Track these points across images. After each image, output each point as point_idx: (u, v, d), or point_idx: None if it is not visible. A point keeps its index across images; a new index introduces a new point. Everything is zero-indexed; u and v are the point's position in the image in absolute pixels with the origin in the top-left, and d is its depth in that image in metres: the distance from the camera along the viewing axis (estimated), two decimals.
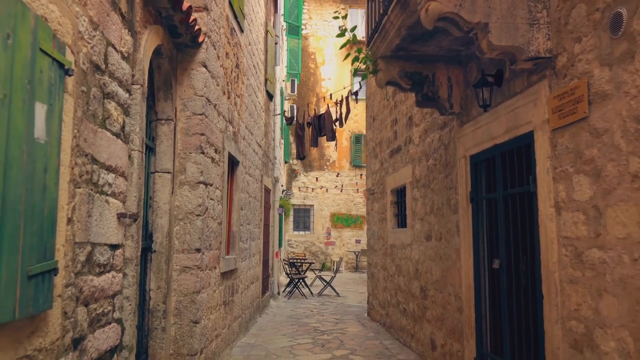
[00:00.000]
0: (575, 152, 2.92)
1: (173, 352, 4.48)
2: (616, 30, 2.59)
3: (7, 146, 1.86)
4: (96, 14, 2.80)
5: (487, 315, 4.23)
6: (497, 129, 3.86)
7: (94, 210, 2.81)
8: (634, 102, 2.46)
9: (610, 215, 2.61)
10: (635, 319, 2.44)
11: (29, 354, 2.12)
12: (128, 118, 3.37)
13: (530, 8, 3.18)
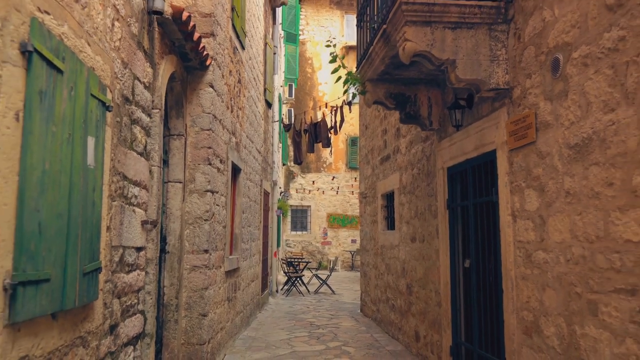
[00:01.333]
0: (526, 170, 3.49)
1: (184, 341, 5.05)
2: (555, 72, 3.16)
3: (71, 174, 2.42)
4: (126, 55, 3.36)
5: (462, 308, 4.80)
6: (468, 146, 4.43)
7: (125, 219, 3.37)
8: (567, 132, 3.04)
9: (551, 224, 3.19)
10: (567, 308, 3.01)
11: (82, 335, 2.69)
12: (149, 138, 3.93)
13: (491, 47, 3.75)
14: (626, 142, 2.54)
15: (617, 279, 2.60)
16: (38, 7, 2.14)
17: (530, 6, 3.47)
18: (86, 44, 2.65)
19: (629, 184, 2.52)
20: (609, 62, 2.67)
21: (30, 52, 2.04)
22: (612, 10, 2.66)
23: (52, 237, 2.24)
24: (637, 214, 2.46)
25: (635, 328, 2.47)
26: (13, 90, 1.95)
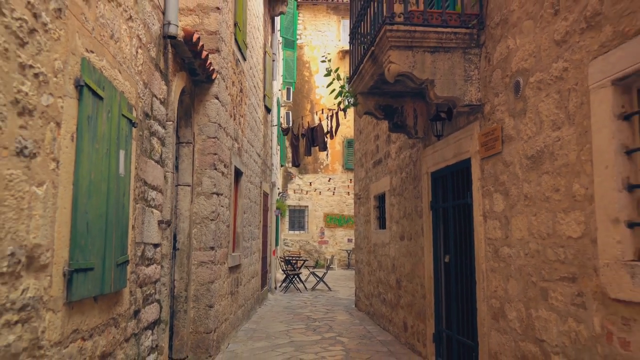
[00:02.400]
0: (494, 177, 4.01)
1: (192, 330, 5.55)
2: (517, 93, 3.68)
3: (108, 182, 2.93)
4: (147, 77, 3.87)
5: (443, 299, 5.32)
6: (448, 154, 4.95)
7: (145, 219, 3.88)
8: (526, 145, 3.56)
9: (513, 223, 3.71)
10: (525, 295, 3.53)
11: (114, 317, 3.19)
12: (164, 148, 4.44)
13: (465, 68, 4.26)
14: (568, 156, 3.06)
15: (562, 269, 3.12)
16: (86, 48, 2.65)
17: (498, 34, 3.99)
18: (118, 72, 3.16)
19: (570, 190, 3.04)
20: (556, 87, 3.20)
21: (82, 85, 2.55)
22: (559, 45, 3.18)
23: (95, 234, 2.75)
24: (575, 215, 2.98)
25: (574, 309, 2.99)
26: (70, 117, 2.46)
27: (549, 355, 3.24)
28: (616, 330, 2.63)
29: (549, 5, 3.29)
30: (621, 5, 2.63)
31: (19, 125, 2.01)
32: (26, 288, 2.09)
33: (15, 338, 2.01)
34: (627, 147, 2.64)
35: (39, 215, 2.18)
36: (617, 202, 2.62)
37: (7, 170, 1.93)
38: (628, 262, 2.54)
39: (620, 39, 2.63)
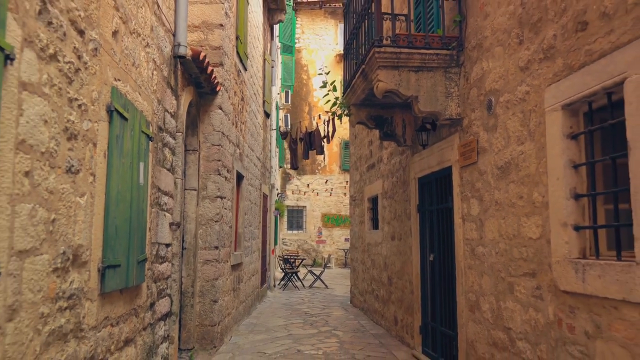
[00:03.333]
0: (471, 184, 4.48)
1: (198, 323, 6.02)
2: (489, 110, 4.15)
3: (131, 191, 3.40)
4: (160, 95, 4.33)
5: (429, 294, 5.79)
6: (432, 161, 5.42)
7: (159, 221, 4.34)
8: (497, 157, 4.02)
9: (487, 225, 4.18)
10: (496, 288, 4.00)
11: (135, 308, 3.66)
12: (174, 157, 4.90)
13: (446, 85, 4.73)
14: (529, 167, 3.53)
15: (524, 266, 3.59)
16: (114, 77, 3.11)
17: (474, 56, 4.46)
18: (138, 94, 3.62)
19: (531, 198, 3.51)
20: (521, 108, 3.67)
21: (112, 110, 3.01)
22: (523, 71, 3.65)
23: (121, 235, 3.22)
24: (535, 219, 3.45)
25: (534, 300, 3.46)
26: (102, 137, 2.93)
27: (514, 341, 3.71)
28: (565, 317, 3.10)
29: (515, 35, 3.76)
30: (569, 42, 3.10)
31: (68, 147, 2.47)
32: (72, 280, 2.55)
33: (65, 321, 2.48)
34: (574, 162, 3.11)
35: (81, 220, 2.64)
36: (565, 209, 3.10)
37: (61, 185, 2.39)
38: (573, 259, 3.02)
39: (569, 70, 3.10)
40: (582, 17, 2.98)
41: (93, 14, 2.76)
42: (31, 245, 2.12)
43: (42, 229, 2.22)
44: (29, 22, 2.07)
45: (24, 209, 2.05)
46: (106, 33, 2.97)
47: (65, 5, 2.40)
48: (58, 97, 2.35)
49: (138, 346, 3.74)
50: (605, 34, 2.78)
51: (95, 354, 2.89)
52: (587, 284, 2.87)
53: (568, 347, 3.07)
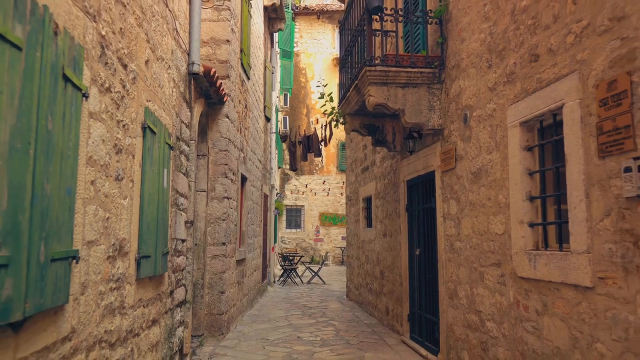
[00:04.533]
0: (450, 187, 5.11)
1: (207, 312, 6.63)
2: (465, 123, 4.78)
3: (158, 193, 4.01)
4: (178, 109, 4.94)
5: (416, 285, 6.41)
6: (418, 166, 6.05)
7: (177, 220, 4.95)
8: (471, 163, 4.65)
9: (463, 223, 4.81)
10: (470, 278, 4.63)
11: (159, 293, 4.27)
12: (188, 162, 5.51)
13: (429, 100, 5.35)
14: (496, 173, 4.16)
15: (492, 257, 4.22)
16: (146, 99, 3.72)
17: (454, 75, 5.08)
18: (162, 111, 4.23)
19: (497, 199, 4.14)
20: (489, 122, 4.29)
21: (145, 127, 3.62)
22: (491, 91, 4.28)
23: (151, 231, 3.83)
24: (500, 217, 4.08)
25: (499, 286, 4.09)
26: (138, 150, 3.54)
27: (484, 322, 4.34)
28: (521, 299, 3.73)
29: (485, 59, 4.39)
30: (525, 70, 3.73)
31: (116, 160, 3.09)
32: (118, 267, 3.17)
33: (113, 299, 3.09)
34: (529, 170, 3.74)
35: (124, 218, 3.26)
36: (522, 209, 3.73)
37: (112, 190, 3.01)
38: (528, 250, 3.64)
39: (525, 93, 3.73)
40: (535, 50, 3.61)
41: (133, 49, 3.37)
42: (95, 237, 2.74)
43: (101, 225, 2.83)
44: (94, 65, 2.68)
45: (91, 209, 2.67)
46: (141, 63, 3.58)
47: (115, 47, 3.01)
48: (110, 120, 2.96)
49: (161, 327, 4.36)
50: (551, 66, 3.41)
51: (133, 329, 3.51)
52: (537, 270, 3.50)
53: (524, 323, 3.70)
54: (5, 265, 1.77)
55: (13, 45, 1.78)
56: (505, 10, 4.05)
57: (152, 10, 3.88)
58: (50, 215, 2.11)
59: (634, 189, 2.61)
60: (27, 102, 1.89)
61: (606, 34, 2.88)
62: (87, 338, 2.66)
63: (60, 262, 2.22)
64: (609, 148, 2.82)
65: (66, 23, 2.28)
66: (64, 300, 2.30)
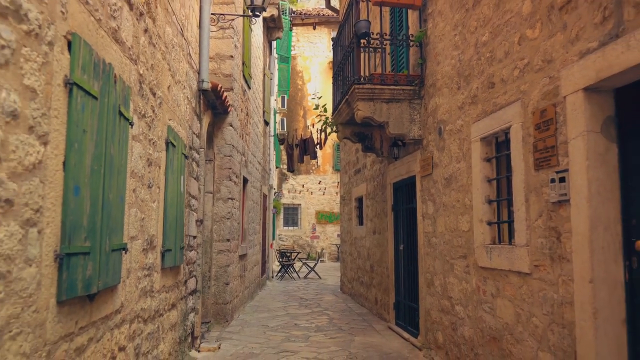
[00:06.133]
0: (428, 190, 5.86)
1: (213, 301, 7.37)
2: (440, 135, 5.52)
3: (177, 197, 4.74)
4: (190, 122, 5.66)
5: (401, 277, 7.17)
6: (402, 171, 6.80)
7: (189, 219, 5.68)
8: (444, 170, 5.40)
9: (438, 222, 5.56)
10: (443, 269, 5.38)
11: (176, 282, 5.01)
12: (198, 167, 6.24)
13: (410, 113, 6.09)
14: (463, 180, 4.91)
15: (459, 251, 4.97)
16: (169, 118, 4.45)
17: (431, 92, 5.82)
18: (180, 126, 4.96)
19: (464, 202, 4.89)
20: (459, 136, 5.04)
21: (168, 142, 4.36)
22: (460, 109, 5.02)
23: (171, 229, 4.56)
24: (466, 217, 4.83)
25: (465, 275, 4.84)
26: (162, 162, 4.27)
27: (454, 306, 5.10)
28: (481, 285, 4.48)
29: (455, 83, 5.13)
30: (485, 94, 4.47)
31: (148, 171, 3.82)
32: (150, 258, 3.91)
33: (146, 284, 3.83)
34: (488, 177, 4.49)
35: (154, 218, 3.99)
36: (482, 210, 4.47)
37: (145, 196, 3.74)
38: (486, 245, 4.39)
39: (484, 114, 4.47)
40: (492, 79, 4.35)
41: (159, 79, 4.10)
42: (135, 233, 3.48)
43: (139, 224, 3.57)
44: (135, 99, 3.41)
45: (133, 212, 3.40)
46: (165, 89, 4.31)
47: (148, 80, 3.75)
48: (145, 140, 3.70)
49: (178, 310, 5.10)
50: (502, 93, 4.16)
51: (158, 310, 4.25)
52: (493, 261, 4.25)
53: (482, 305, 4.45)
54: (88, 253, 2.50)
55: (93, 97, 2.52)
56: (470, 42, 4.79)
57: (173, 43, 4.61)
58: (111, 217, 2.85)
59: (556, 195, 3.37)
60: (100, 136, 2.63)
61: (540, 72, 3.63)
62: (130, 312, 3.40)
63: (116, 252, 2.96)
64: (541, 163, 3.57)
65: (119, 71, 3.01)
66: (118, 281, 3.04)
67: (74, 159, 2.33)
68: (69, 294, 2.30)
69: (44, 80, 2.08)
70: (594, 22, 3.06)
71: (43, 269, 2.10)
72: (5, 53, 1.79)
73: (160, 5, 4.11)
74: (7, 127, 1.81)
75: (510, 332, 3.96)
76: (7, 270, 1.83)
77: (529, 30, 3.78)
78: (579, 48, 3.19)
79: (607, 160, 3.09)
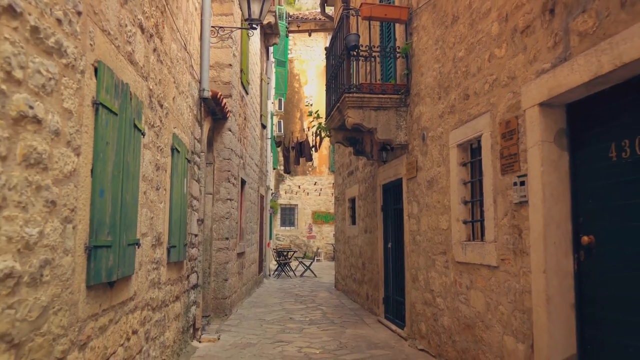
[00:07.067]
0: (412, 191, 6.31)
1: (213, 297, 7.81)
2: (423, 141, 5.97)
3: (181, 198, 5.18)
4: (192, 128, 6.10)
5: (390, 273, 7.62)
6: (390, 173, 7.25)
7: (191, 218, 6.12)
8: (427, 173, 5.85)
9: (422, 221, 6.01)
10: (426, 264, 5.83)
11: (180, 276, 5.44)
12: (199, 170, 6.67)
13: (397, 120, 6.54)
14: (442, 182, 5.36)
15: (440, 247, 5.42)
16: (173, 126, 4.89)
17: (416, 101, 6.28)
18: (183, 133, 5.40)
19: (443, 203, 5.34)
20: (439, 142, 5.49)
21: (173, 149, 4.80)
22: (440, 118, 5.47)
23: (176, 227, 5.00)
24: (445, 217, 5.28)
25: (444, 269, 5.29)
26: (168, 167, 4.71)
27: (435, 298, 5.55)
28: (458, 278, 4.94)
29: (436, 93, 5.58)
30: (461, 105, 4.93)
31: (157, 175, 4.26)
32: (157, 253, 4.35)
33: (154, 276, 4.27)
34: (464, 180, 4.94)
35: (161, 217, 4.43)
36: (458, 210, 4.93)
37: (154, 197, 4.18)
38: (462, 242, 4.85)
39: (461, 123, 4.93)
40: (467, 91, 4.81)
41: (166, 91, 4.54)
42: (145, 231, 3.92)
43: (149, 222, 4.01)
44: (146, 111, 3.85)
45: (144, 211, 3.84)
46: (170, 100, 4.76)
47: (156, 94, 4.19)
48: (154, 147, 4.14)
49: (182, 302, 5.54)
50: (475, 104, 4.61)
51: (165, 300, 4.68)
52: (467, 256, 4.70)
53: (459, 296, 4.90)
54: (110, 246, 2.94)
55: (114, 113, 2.96)
56: (449, 57, 5.25)
57: (177, 57, 5.06)
58: (128, 215, 3.29)
59: (518, 197, 3.82)
60: (119, 146, 3.07)
61: (506, 87, 4.08)
62: (141, 300, 3.84)
63: (131, 246, 3.40)
64: (506, 168, 4.02)
65: (134, 88, 3.45)
66: (132, 272, 3.47)
67: (100, 166, 2.77)
68: (95, 280, 2.74)
69: (78, 103, 2.53)
70: (547, 46, 3.52)
71: (76, 258, 2.54)
72: (51, 84, 2.23)
73: (167, 25, 4.55)
74: (52, 143, 2.25)
75: (482, 320, 4.41)
76: (52, 258, 2.27)
77: (497, 49, 4.23)
78: (536, 68, 3.65)
79: (559, 166, 3.54)
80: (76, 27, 2.48)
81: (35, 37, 2.08)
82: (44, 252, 2.19)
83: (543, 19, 3.57)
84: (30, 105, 2.04)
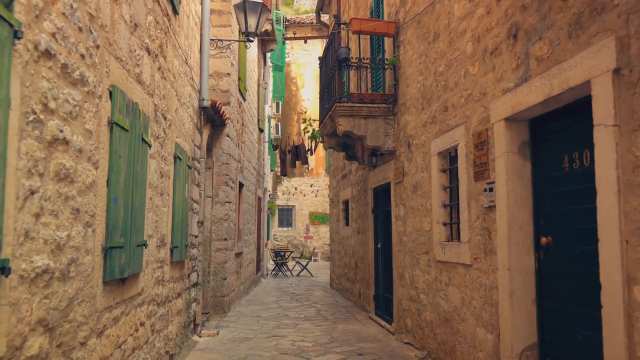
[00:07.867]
0: (399, 195, 6.73)
1: (212, 295, 8.22)
2: (409, 148, 6.39)
3: (182, 202, 5.59)
4: (193, 136, 6.51)
5: (380, 272, 8.03)
6: (379, 177, 7.67)
7: (192, 220, 6.53)
8: (412, 179, 6.26)
9: (407, 222, 6.43)
10: (411, 263, 6.25)
11: (182, 274, 5.85)
12: (199, 175, 7.08)
13: (385, 128, 6.96)
14: (425, 187, 5.78)
15: (423, 247, 5.84)
16: (176, 136, 5.30)
17: (402, 110, 6.69)
18: (184, 141, 5.81)
19: (426, 206, 5.76)
20: (422, 150, 5.91)
21: (176, 157, 5.21)
22: (424, 127, 5.89)
23: (178, 229, 5.41)
24: (427, 219, 5.69)
25: (427, 268, 5.70)
26: (171, 174, 5.12)
27: (419, 295, 5.96)
28: (438, 276, 5.35)
29: (420, 104, 6.00)
30: (441, 116, 5.34)
31: (162, 182, 4.67)
32: (162, 253, 4.75)
33: (159, 274, 4.68)
34: (444, 185, 5.36)
35: (165, 220, 4.84)
36: (439, 213, 5.34)
37: (159, 202, 4.59)
38: (442, 242, 5.26)
39: (441, 133, 5.34)
40: (446, 103, 5.23)
41: (169, 104, 4.95)
42: (151, 233, 4.33)
43: (154, 225, 4.42)
44: (152, 125, 4.26)
45: (150, 215, 4.26)
46: (173, 112, 5.17)
47: (161, 108, 4.60)
48: (158, 157, 4.55)
49: (183, 299, 5.95)
50: (453, 116, 5.03)
51: (168, 296, 5.09)
52: (446, 255, 5.12)
53: (439, 293, 5.32)
54: (122, 247, 3.35)
55: (125, 130, 3.37)
56: (431, 71, 5.66)
57: (179, 72, 5.47)
58: (136, 220, 3.70)
59: (487, 202, 4.24)
60: (129, 158, 3.48)
61: (478, 102, 4.50)
62: (148, 296, 4.25)
63: (139, 247, 3.81)
64: (479, 175, 4.44)
65: (141, 106, 3.86)
66: (140, 270, 3.88)
67: (114, 177, 3.18)
68: (110, 277, 3.15)
69: (96, 123, 2.94)
70: (511, 67, 3.94)
71: (95, 257, 2.95)
72: (76, 109, 2.64)
73: (170, 44, 4.96)
74: (76, 159, 2.66)
75: (458, 314, 4.83)
76: (77, 257, 2.68)
77: (471, 67, 4.65)
78: (502, 86, 4.07)
79: (522, 174, 3.96)
80: (95, 58, 2.89)
81: (64, 72, 2.49)
82: (70, 252, 2.60)
83: (508, 43, 3.99)
84: (60, 129, 2.45)
